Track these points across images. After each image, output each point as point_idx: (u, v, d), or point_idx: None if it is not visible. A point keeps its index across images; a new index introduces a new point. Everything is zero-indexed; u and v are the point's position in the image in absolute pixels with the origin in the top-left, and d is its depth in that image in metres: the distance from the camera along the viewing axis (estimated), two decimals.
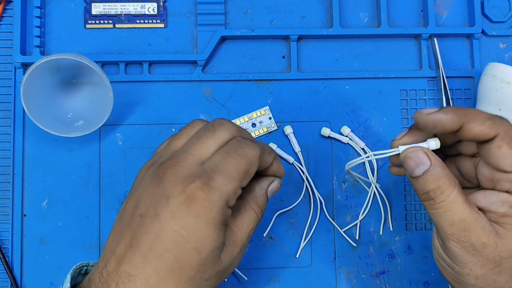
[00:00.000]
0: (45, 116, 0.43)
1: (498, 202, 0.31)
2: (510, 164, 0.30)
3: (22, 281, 0.44)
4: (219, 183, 0.30)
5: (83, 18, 0.47)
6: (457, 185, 0.31)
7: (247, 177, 0.32)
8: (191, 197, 0.30)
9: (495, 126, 0.30)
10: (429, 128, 0.32)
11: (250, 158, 0.31)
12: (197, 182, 0.30)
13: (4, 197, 0.45)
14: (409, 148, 0.32)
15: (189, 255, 0.30)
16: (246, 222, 0.33)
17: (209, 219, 0.30)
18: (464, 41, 0.49)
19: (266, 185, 0.35)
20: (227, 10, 0.48)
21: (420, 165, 0.31)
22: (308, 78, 0.47)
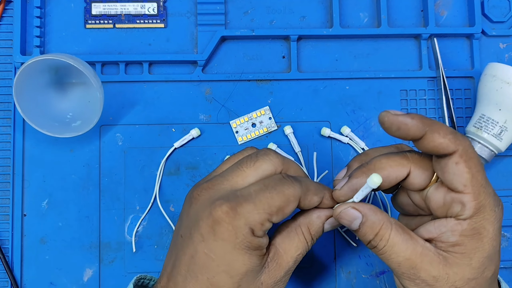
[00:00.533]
0: (40, 116, 0.43)
1: (448, 231, 0.31)
2: (464, 183, 0.30)
3: (22, 281, 0.44)
4: (246, 209, 0.30)
5: (83, 18, 0.47)
6: (393, 226, 0.31)
7: (280, 214, 0.31)
8: (217, 221, 0.30)
9: (456, 142, 0.30)
10: (393, 129, 0.31)
11: (288, 196, 0.31)
12: (224, 206, 0.30)
13: (4, 197, 0.45)
14: (338, 208, 0.33)
15: (221, 278, 0.31)
16: (294, 246, 0.33)
17: (235, 244, 0.30)
18: (464, 41, 0.49)
19: (325, 215, 0.34)
20: (227, 10, 0.48)
21: (353, 220, 0.32)
22: (308, 78, 0.47)
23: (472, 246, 0.30)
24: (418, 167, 0.33)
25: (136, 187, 0.45)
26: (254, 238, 0.30)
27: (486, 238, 0.30)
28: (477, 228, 0.30)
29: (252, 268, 0.31)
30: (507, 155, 0.48)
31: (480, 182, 0.31)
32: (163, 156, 0.46)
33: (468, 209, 0.30)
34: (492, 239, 0.31)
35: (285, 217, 0.32)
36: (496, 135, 0.44)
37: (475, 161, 0.31)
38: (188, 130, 0.46)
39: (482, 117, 0.44)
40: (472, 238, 0.30)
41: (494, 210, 0.31)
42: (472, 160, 0.30)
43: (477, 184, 0.30)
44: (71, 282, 0.44)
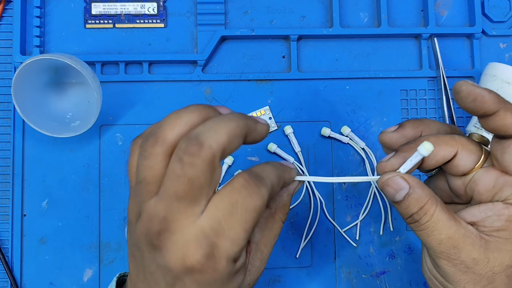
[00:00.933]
0: (39, 116, 0.43)
1: (494, 215, 0.30)
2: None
3: (22, 281, 0.44)
4: (225, 249, 0.26)
5: (83, 18, 0.47)
6: (439, 203, 0.31)
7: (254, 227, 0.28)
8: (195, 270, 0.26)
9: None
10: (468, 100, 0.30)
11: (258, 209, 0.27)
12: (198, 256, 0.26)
13: (4, 197, 0.45)
14: (385, 175, 0.31)
15: None
16: (273, 234, 0.32)
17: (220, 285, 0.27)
18: (464, 41, 0.49)
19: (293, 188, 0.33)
20: (227, 10, 0.48)
21: (399, 190, 0.31)
22: (308, 78, 0.47)
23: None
24: (465, 150, 0.32)
25: None
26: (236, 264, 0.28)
27: None
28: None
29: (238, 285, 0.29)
30: None
31: None
32: None
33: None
34: None
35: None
36: None
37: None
38: None
39: None
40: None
41: None
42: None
43: None
44: (71, 282, 0.44)
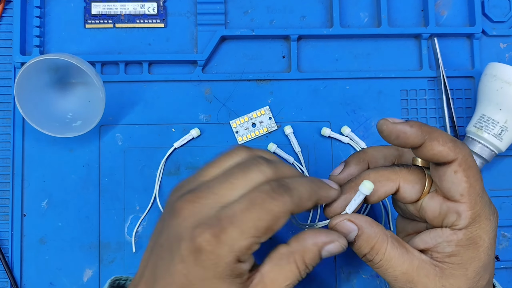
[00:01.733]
0: (40, 116, 0.43)
1: (444, 242, 0.31)
2: (461, 192, 0.30)
3: (21, 281, 0.44)
4: (231, 237, 0.27)
5: (83, 18, 0.47)
6: (389, 240, 0.31)
7: (269, 233, 0.28)
8: (198, 248, 0.28)
9: (456, 150, 0.30)
10: (392, 138, 0.31)
11: (276, 214, 0.28)
12: (207, 234, 0.27)
13: (4, 197, 0.45)
14: (333, 220, 0.32)
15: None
16: (283, 276, 0.29)
17: (215, 273, 0.28)
18: (464, 41, 0.49)
19: (322, 242, 0.30)
20: (227, 9, 0.48)
21: (349, 233, 0.31)
22: (308, 78, 0.47)
23: (468, 256, 0.30)
24: (407, 182, 0.32)
25: (136, 187, 0.45)
26: (237, 265, 0.28)
27: (482, 248, 0.30)
28: (473, 237, 0.30)
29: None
30: (508, 155, 0.48)
31: (478, 192, 0.30)
32: (163, 156, 0.46)
33: (463, 218, 0.30)
34: (487, 248, 0.30)
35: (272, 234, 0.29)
36: (496, 135, 0.44)
37: (474, 170, 0.30)
38: (188, 130, 0.46)
39: (482, 117, 0.44)
40: (468, 248, 0.30)
41: (490, 219, 0.31)
42: (471, 169, 0.30)
43: (474, 193, 0.30)
44: (71, 283, 0.44)
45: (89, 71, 0.41)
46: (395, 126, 0.30)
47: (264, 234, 0.28)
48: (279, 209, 0.28)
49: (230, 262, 0.27)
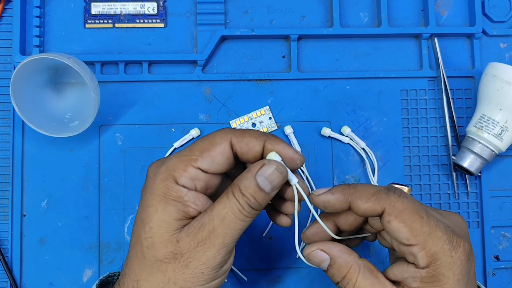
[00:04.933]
0: (38, 116, 0.43)
1: (410, 277, 0.31)
2: (405, 237, 0.30)
3: (21, 281, 0.44)
4: (169, 158, 0.31)
5: (83, 17, 0.47)
6: (361, 269, 0.31)
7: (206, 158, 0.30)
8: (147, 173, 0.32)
9: (380, 202, 0.30)
10: (322, 208, 0.33)
11: (212, 137, 0.31)
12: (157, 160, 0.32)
13: (4, 197, 0.45)
14: (307, 249, 0.33)
15: (137, 226, 0.31)
16: (219, 204, 0.30)
17: (152, 188, 0.30)
18: (464, 40, 0.49)
19: (255, 168, 0.30)
20: (227, 9, 0.48)
21: (321, 262, 0.32)
22: (308, 78, 0.47)
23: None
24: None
25: (136, 187, 0.45)
26: (173, 185, 0.30)
27: (447, 285, 0.30)
28: (436, 275, 0.30)
29: (166, 219, 0.30)
30: (508, 155, 0.48)
31: (422, 230, 0.30)
32: (163, 156, 0.45)
33: (420, 259, 0.30)
34: (454, 284, 0.30)
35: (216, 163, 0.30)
36: (496, 135, 0.43)
37: (407, 213, 0.30)
38: (188, 130, 0.46)
39: (482, 117, 0.44)
40: (432, 285, 0.30)
41: (451, 255, 0.30)
42: (404, 213, 0.30)
43: (419, 233, 0.30)
44: (71, 283, 0.44)
45: (81, 71, 0.40)
46: (319, 198, 0.32)
47: (200, 156, 0.30)
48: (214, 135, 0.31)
49: (164, 179, 0.30)
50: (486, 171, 0.47)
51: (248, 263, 0.45)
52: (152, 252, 0.30)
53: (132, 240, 0.31)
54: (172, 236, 0.29)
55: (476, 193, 0.47)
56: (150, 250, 0.30)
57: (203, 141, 0.31)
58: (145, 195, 0.31)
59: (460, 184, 0.47)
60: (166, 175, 0.30)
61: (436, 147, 0.47)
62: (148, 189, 0.31)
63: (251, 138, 0.31)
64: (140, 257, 0.30)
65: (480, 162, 0.44)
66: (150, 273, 0.30)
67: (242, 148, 0.31)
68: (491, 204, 0.47)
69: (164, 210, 0.30)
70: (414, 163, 0.47)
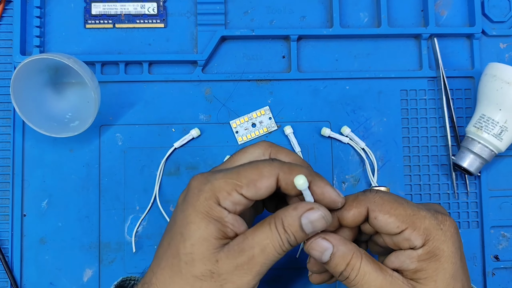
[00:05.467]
0: (39, 116, 0.43)
1: (407, 259, 0.32)
2: (394, 226, 0.31)
3: (22, 281, 0.44)
4: (215, 177, 0.31)
5: (83, 18, 0.47)
6: (363, 256, 0.32)
7: (252, 188, 0.31)
8: (188, 188, 0.32)
9: (361, 203, 0.32)
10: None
11: (261, 169, 0.31)
12: (199, 175, 0.32)
13: (4, 197, 0.45)
14: (308, 240, 0.32)
15: (176, 240, 0.31)
16: (262, 234, 0.31)
17: (195, 206, 0.31)
18: (464, 41, 0.49)
19: (302, 209, 0.31)
20: (227, 10, 0.48)
21: (324, 251, 0.32)
22: (308, 78, 0.47)
23: (432, 268, 0.31)
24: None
25: (136, 187, 0.45)
26: (215, 205, 0.30)
27: (443, 258, 0.31)
28: (432, 250, 0.31)
29: (207, 237, 0.30)
30: (507, 155, 0.48)
31: (406, 213, 0.32)
32: (163, 156, 0.46)
33: (414, 239, 0.31)
34: (450, 257, 0.31)
35: (259, 193, 0.31)
36: (496, 135, 0.44)
37: (388, 203, 0.32)
38: (188, 130, 0.46)
39: (482, 117, 0.44)
40: (430, 261, 0.31)
41: (440, 228, 0.31)
42: (385, 204, 0.32)
43: (405, 217, 0.31)
44: (71, 283, 0.44)
45: (81, 71, 0.40)
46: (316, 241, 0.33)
47: (246, 184, 0.30)
48: (264, 167, 0.31)
49: (208, 198, 0.30)
50: (485, 171, 0.47)
51: None
52: (189, 268, 0.30)
53: (167, 252, 0.31)
54: (212, 254, 0.30)
55: (475, 193, 0.47)
56: (188, 266, 0.30)
57: (252, 169, 0.31)
58: (186, 210, 0.31)
59: (459, 184, 0.47)
60: (210, 194, 0.31)
61: (436, 147, 0.47)
62: (191, 204, 0.31)
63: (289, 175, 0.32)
64: (176, 270, 0.30)
65: (479, 162, 0.44)
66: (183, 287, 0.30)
67: (288, 185, 0.32)
68: (490, 204, 0.47)
69: (207, 228, 0.30)
70: (414, 163, 0.47)
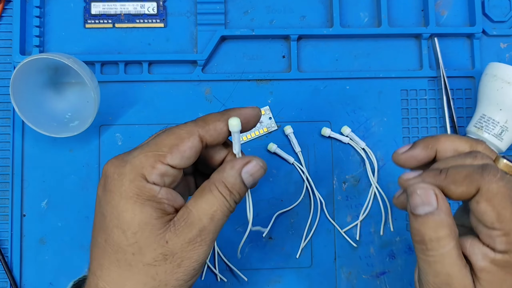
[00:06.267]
0: (38, 116, 0.43)
1: (480, 254, 0.29)
2: (490, 221, 0.28)
3: (21, 281, 0.44)
4: (133, 155, 0.29)
5: (83, 17, 0.47)
6: (456, 238, 0.29)
7: (176, 154, 0.29)
8: (105, 175, 0.29)
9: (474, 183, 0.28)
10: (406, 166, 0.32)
11: (177, 133, 0.29)
12: (113, 159, 0.30)
13: (4, 197, 0.45)
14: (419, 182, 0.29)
15: (114, 235, 0.29)
16: (207, 202, 0.29)
17: (121, 192, 0.28)
18: (464, 40, 0.49)
19: (239, 164, 0.30)
20: (227, 9, 0.48)
21: (426, 204, 0.28)
22: (308, 78, 0.47)
23: (500, 278, 0.28)
24: None
25: None
26: (144, 184, 0.28)
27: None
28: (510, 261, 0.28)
29: (147, 220, 0.28)
30: (508, 155, 0.48)
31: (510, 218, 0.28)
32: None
33: (498, 243, 0.28)
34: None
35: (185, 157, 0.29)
36: (496, 135, 0.43)
37: (500, 197, 0.28)
38: None
39: (482, 117, 0.44)
40: (503, 269, 0.28)
41: None
42: (497, 197, 0.28)
43: (506, 220, 0.28)
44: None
45: (81, 71, 0.40)
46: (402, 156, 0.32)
47: (169, 152, 0.29)
48: (180, 130, 0.29)
49: (133, 179, 0.28)
50: None
51: (248, 263, 0.45)
52: (139, 258, 0.28)
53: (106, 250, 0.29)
54: (158, 237, 0.28)
55: None
56: (136, 256, 0.28)
57: (169, 135, 0.29)
58: (112, 200, 0.28)
59: None
60: (134, 174, 0.28)
61: None
62: (115, 192, 0.28)
63: (216, 122, 0.30)
64: (123, 266, 0.29)
65: None
66: (138, 281, 0.29)
67: (212, 136, 0.30)
68: None
69: (142, 212, 0.28)
70: None
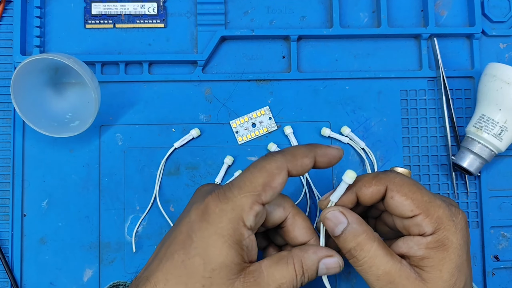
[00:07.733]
0: (39, 116, 0.43)
1: (415, 245, 0.32)
2: (409, 209, 0.32)
3: (22, 281, 0.44)
4: (233, 193, 0.30)
5: (83, 18, 0.47)
6: (376, 239, 0.32)
7: (269, 191, 0.30)
8: (206, 205, 0.31)
9: (381, 181, 0.32)
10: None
11: (269, 169, 0.31)
12: (214, 194, 0.31)
13: (4, 197, 0.45)
14: (327, 209, 0.33)
15: (195, 262, 0.30)
16: (280, 272, 0.31)
17: (217, 228, 0.30)
18: (464, 41, 0.49)
19: (322, 254, 0.32)
20: (227, 10, 0.48)
21: (338, 224, 0.32)
22: (308, 78, 0.47)
23: (439, 257, 0.31)
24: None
25: (136, 187, 0.45)
26: (240, 227, 0.30)
27: (451, 248, 0.31)
28: (441, 239, 0.31)
29: (228, 263, 0.30)
30: (507, 155, 0.48)
31: (423, 199, 0.32)
32: (163, 156, 0.46)
33: (425, 226, 0.31)
34: (457, 248, 0.31)
35: (276, 193, 0.31)
36: (496, 135, 0.44)
37: (407, 185, 0.32)
38: (188, 130, 0.46)
39: (482, 117, 0.44)
40: (438, 250, 0.31)
41: (452, 220, 0.32)
42: (404, 186, 0.32)
43: (421, 203, 0.32)
44: (71, 282, 0.44)
45: (81, 71, 0.40)
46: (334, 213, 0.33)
47: (263, 190, 0.30)
48: (271, 165, 0.31)
49: (232, 220, 0.29)
50: (485, 171, 0.47)
51: None
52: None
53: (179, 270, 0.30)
54: (229, 281, 0.30)
55: (475, 193, 0.47)
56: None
57: (261, 172, 0.31)
58: (206, 230, 0.30)
59: (459, 184, 0.47)
60: (235, 215, 0.30)
61: (436, 147, 0.47)
62: (212, 225, 0.30)
63: (304, 158, 0.32)
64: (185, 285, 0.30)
65: (479, 162, 0.45)
66: None
67: (297, 171, 0.32)
68: (490, 204, 0.47)
69: (228, 254, 0.30)
70: (414, 163, 0.47)
